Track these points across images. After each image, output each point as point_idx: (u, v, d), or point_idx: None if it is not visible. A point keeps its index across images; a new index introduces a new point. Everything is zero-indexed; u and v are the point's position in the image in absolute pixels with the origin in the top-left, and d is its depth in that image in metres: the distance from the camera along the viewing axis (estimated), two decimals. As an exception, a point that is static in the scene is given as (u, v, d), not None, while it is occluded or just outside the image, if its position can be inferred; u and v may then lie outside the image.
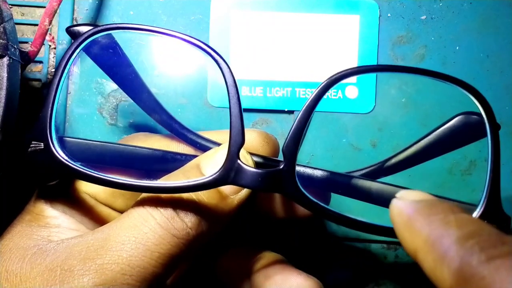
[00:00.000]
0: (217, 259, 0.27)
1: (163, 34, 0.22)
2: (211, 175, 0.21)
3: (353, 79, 0.34)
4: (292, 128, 0.21)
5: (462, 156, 0.34)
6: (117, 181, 0.22)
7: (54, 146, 0.22)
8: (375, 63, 0.34)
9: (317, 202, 0.21)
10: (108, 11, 0.34)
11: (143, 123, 0.34)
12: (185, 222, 0.22)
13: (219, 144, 0.27)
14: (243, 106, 0.33)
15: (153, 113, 0.28)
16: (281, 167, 0.21)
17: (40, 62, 0.33)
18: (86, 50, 0.24)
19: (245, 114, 0.34)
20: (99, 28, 0.23)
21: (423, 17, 0.34)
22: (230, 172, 0.21)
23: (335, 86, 0.22)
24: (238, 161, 0.21)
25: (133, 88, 0.27)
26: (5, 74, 0.24)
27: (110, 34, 0.24)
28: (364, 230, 0.22)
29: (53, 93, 0.23)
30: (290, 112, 0.34)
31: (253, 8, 0.34)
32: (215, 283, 0.27)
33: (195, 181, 0.21)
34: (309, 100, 0.21)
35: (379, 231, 0.21)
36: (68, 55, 0.23)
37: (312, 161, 0.34)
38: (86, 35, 0.23)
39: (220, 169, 0.21)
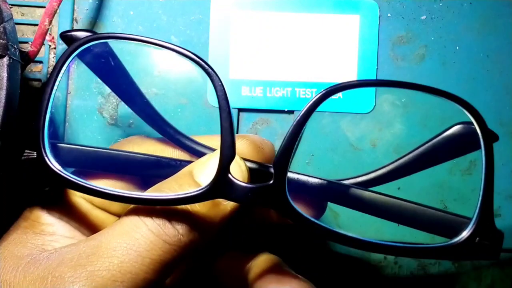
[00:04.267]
0: (214, 261, 0.27)
1: (158, 46, 0.22)
2: (202, 189, 0.21)
3: (353, 79, 0.34)
4: (283, 143, 0.21)
5: (462, 156, 0.34)
6: (111, 192, 0.22)
7: (46, 155, 0.22)
8: (375, 63, 0.34)
9: (308, 218, 0.21)
10: (108, 11, 0.34)
11: (143, 123, 0.34)
12: (177, 228, 0.22)
13: (213, 150, 0.27)
14: (243, 106, 0.33)
15: (148, 118, 0.28)
16: (271, 182, 0.21)
17: (40, 62, 0.33)
18: (81, 57, 0.24)
19: (245, 114, 0.34)
20: (91, 37, 0.23)
21: (423, 17, 0.34)
22: (220, 186, 0.21)
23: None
24: (229, 175, 0.21)
25: (128, 94, 0.27)
26: (5, 74, 0.24)
27: (105, 41, 0.23)
28: (360, 247, 0.21)
29: (46, 101, 0.22)
30: (290, 112, 0.34)
31: (253, 8, 0.34)
32: (213, 285, 0.27)
33: (185, 194, 0.21)
34: (299, 115, 0.21)
35: (373, 248, 0.21)
36: (59, 65, 0.23)
37: (312, 161, 0.34)
38: (77, 44, 0.23)
39: (210, 183, 0.21)
